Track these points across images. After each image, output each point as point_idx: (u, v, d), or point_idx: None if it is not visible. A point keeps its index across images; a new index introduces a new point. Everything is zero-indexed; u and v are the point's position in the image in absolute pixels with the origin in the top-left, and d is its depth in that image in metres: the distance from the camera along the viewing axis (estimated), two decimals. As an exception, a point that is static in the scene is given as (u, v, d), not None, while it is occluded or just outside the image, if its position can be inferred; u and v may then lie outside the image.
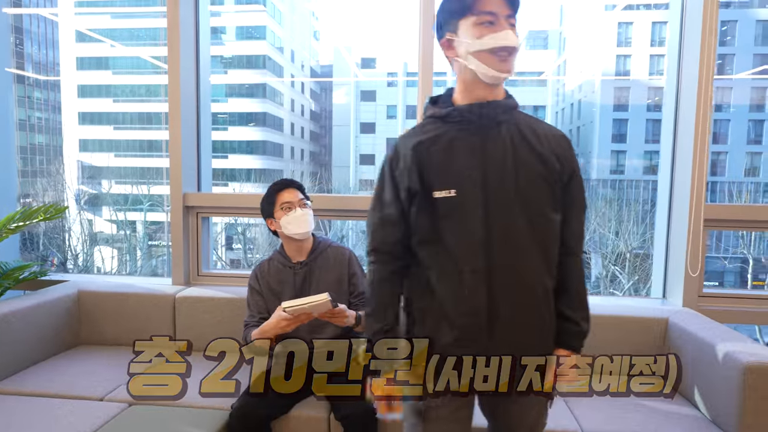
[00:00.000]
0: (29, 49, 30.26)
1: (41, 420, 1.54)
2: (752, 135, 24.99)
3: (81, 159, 27.26)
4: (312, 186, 22.74)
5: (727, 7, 25.59)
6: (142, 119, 29.10)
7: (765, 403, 1.47)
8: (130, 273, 18.92)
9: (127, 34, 29.58)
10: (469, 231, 1.02)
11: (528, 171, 1.02)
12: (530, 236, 1.02)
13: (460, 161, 1.03)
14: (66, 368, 1.93)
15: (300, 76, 34.95)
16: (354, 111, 30.59)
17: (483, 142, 1.03)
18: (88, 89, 29.40)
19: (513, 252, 1.02)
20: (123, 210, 21.65)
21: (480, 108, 1.03)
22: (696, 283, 2.09)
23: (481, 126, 1.04)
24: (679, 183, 2.15)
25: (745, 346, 1.58)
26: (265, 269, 1.80)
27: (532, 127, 1.06)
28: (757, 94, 25.43)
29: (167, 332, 2.16)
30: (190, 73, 2.39)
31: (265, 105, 30.59)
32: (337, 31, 41.62)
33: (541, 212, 1.03)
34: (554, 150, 1.05)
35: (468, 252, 1.03)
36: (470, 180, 1.02)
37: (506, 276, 1.02)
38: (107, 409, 1.62)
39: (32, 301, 2.00)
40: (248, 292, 1.81)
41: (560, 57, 30.80)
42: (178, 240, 2.34)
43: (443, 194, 1.02)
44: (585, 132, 27.67)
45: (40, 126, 29.94)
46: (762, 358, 1.48)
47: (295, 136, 33.84)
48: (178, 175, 2.32)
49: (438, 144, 1.05)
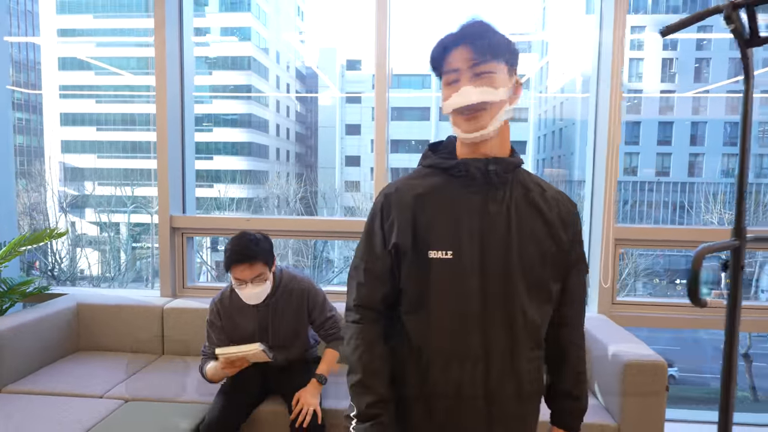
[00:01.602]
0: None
1: (51, 414, 1.85)
2: (727, 137, 25.88)
3: (63, 160, 27.09)
4: (298, 187, 22.99)
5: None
6: (126, 120, 29.00)
7: (641, 393, 1.85)
8: (114, 277, 18.98)
9: (110, 33, 29.46)
10: (463, 301, 0.92)
11: (532, 236, 0.94)
12: (526, 313, 0.93)
13: (459, 220, 0.93)
14: (69, 371, 2.24)
15: (285, 77, 35.10)
16: (339, 113, 30.87)
17: (485, 202, 0.93)
18: (70, 89, 29.20)
19: (509, 333, 0.93)
20: (106, 212, 21.64)
21: (487, 164, 0.93)
22: (609, 293, 2.48)
23: (485, 184, 0.93)
24: (596, 206, 2.54)
25: (629, 346, 1.95)
26: (227, 303, 1.85)
27: (541, 187, 0.98)
28: (733, 101, 26.31)
29: (156, 339, 2.48)
30: (176, 102, 2.70)
31: (251, 106, 30.70)
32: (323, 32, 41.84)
33: (541, 281, 0.94)
34: (562, 216, 0.97)
35: (461, 328, 0.93)
36: (469, 242, 0.92)
37: (503, 361, 0.93)
38: (107, 405, 1.94)
39: (38, 314, 2.31)
40: (207, 324, 1.88)
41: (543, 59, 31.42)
42: (166, 257, 2.65)
43: (439, 255, 0.91)
44: (567, 133, 28.31)
45: (20, 127, 29.64)
46: (639, 357, 1.86)
47: (281, 137, 34.00)
48: (165, 201, 2.63)
49: (438, 198, 0.95)
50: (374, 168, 2.58)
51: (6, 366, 2.09)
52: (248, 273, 1.70)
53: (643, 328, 2.57)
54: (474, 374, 0.92)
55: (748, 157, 1.31)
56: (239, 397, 1.86)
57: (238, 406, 1.83)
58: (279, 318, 1.86)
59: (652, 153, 25.73)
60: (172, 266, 2.67)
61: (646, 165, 25.46)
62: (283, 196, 23.41)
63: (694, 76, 26.38)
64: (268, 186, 25.91)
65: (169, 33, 2.61)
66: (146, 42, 28.16)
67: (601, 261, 2.45)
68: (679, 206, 23.81)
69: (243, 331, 1.87)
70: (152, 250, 21.68)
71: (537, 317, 0.95)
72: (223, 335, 1.87)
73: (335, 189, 26.68)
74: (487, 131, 0.91)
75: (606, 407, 1.99)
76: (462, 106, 0.90)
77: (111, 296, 2.62)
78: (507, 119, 0.95)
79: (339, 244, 16.67)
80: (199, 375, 1.91)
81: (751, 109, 1.30)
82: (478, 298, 0.92)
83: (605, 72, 2.45)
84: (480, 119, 0.91)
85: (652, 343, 2.02)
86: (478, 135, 0.91)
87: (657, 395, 1.84)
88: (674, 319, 2.47)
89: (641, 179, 25.11)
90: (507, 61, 0.93)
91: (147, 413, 1.87)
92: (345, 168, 29.76)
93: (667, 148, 25.78)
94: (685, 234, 2.49)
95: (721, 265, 1.40)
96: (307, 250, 16.40)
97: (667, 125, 26.00)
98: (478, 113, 0.91)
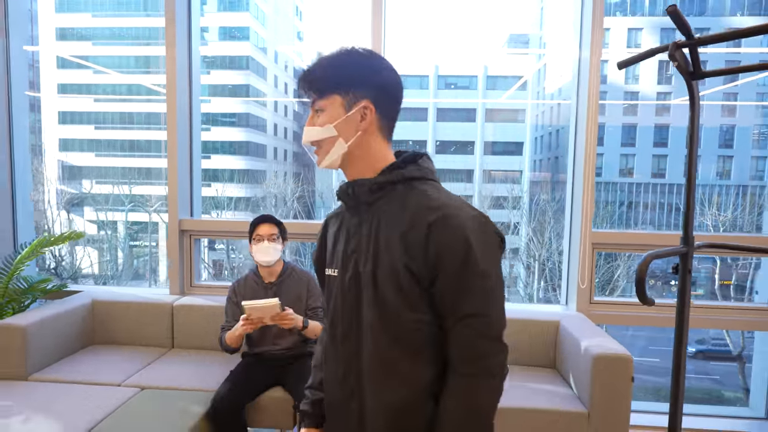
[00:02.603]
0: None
1: (76, 400, 2.03)
2: (723, 139, 26.15)
3: (61, 159, 27.16)
4: (295, 187, 23.15)
5: (702, 14, 26.75)
6: (124, 119, 29.09)
7: (608, 383, 2.04)
8: (112, 275, 19.14)
9: (108, 33, 29.53)
10: (333, 320, 0.98)
11: (385, 257, 0.88)
12: (386, 341, 0.89)
13: (342, 241, 0.97)
14: (87, 362, 2.43)
15: (283, 76, 35.23)
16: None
17: (360, 223, 0.94)
18: (69, 87, 29.26)
19: (368, 359, 0.92)
20: (104, 210, 21.76)
21: (348, 186, 0.95)
22: (587, 292, 2.68)
23: (356, 206, 0.95)
24: (575, 211, 2.74)
25: (599, 341, 2.15)
26: (242, 285, 2.28)
27: (407, 205, 0.89)
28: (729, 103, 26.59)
29: (166, 334, 2.67)
30: (185, 102, 2.87)
31: (249, 105, 30.83)
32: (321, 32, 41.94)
33: (395, 311, 0.88)
34: (426, 234, 0.85)
35: (333, 343, 0.99)
36: (346, 262, 0.95)
37: (370, 391, 0.93)
38: (125, 392, 2.12)
39: (58, 309, 2.49)
40: (227, 302, 2.29)
41: (540, 60, 31.64)
42: (175, 257, 2.83)
43: (330, 272, 0.99)
44: (564, 134, 28.56)
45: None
46: (606, 350, 2.06)
47: (278, 137, 34.14)
48: (174, 203, 2.82)
49: (336, 221, 1.03)
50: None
51: (31, 357, 2.27)
52: (266, 230, 2.18)
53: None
54: (346, 389, 0.97)
55: (694, 175, 1.52)
56: (246, 381, 2.10)
57: (245, 387, 2.07)
58: (284, 295, 2.18)
59: (648, 155, 26.00)
60: (181, 266, 2.86)
61: (641, 166, 25.73)
62: (280, 196, 23.57)
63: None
64: (265, 185, 26.07)
65: (179, 32, 2.79)
66: (145, 41, 28.28)
67: (579, 263, 2.65)
68: (675, 208, 24.07)
69: None
70: (149, 248, 21.84)
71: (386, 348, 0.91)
72: (238, 310, 2.15)
73: (333, 189, 26.86)
74: (323, 165, 0.96)
75: (578, 396, 2.19)
76: (302, 143, 0.99)
77: (123, 293, 2.80)
78: (367, 143, 0.94)
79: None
80: (209, 363, 2.11)
81: (697, 134, 1.51)
82: (341, 318, 0.96)
83: (584, 77, 2.66)
84: (318, 154, 0.97)
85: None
86: (321, 167, 0.97)
87: (623, 385, 2.04)
88: (646, 317, 2.67)
89: (636, 181, 25.37)
90: (346, 92, 0.91)
91: (162, 399, 2.06)
92: (342, 168, 29.86)
93: (663, 150, 26.05)
94: (656, 239, 2.69)
95: (672, 269, 1.61)
96: (305, 250, 16.62)
97: (663, 128, 26.27)
98: (316, 150, 0.97)
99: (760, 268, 12.38)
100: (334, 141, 0.93)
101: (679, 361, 1.58)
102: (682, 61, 1.42)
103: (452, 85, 27.71)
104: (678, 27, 1.37)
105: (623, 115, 27.16)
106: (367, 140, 0.94)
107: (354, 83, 0.92)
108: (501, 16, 40.65)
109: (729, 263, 17.36)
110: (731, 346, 13.35)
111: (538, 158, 29.75)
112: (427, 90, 27.51)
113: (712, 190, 23.08)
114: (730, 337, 13.41)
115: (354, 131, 0.93)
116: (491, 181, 24.02)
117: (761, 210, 17.49)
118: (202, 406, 2.00)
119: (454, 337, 0.86)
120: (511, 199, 21.14)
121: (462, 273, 0.84)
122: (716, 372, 13.43)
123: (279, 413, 2.12)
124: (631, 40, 28.11)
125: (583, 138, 2.65)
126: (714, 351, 14.13)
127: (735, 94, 26.55)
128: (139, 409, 1.97)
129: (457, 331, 0.85)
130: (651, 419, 2.54)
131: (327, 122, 0.93)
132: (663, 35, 26.82)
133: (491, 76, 27.31)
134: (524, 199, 21.74)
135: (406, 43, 36.33)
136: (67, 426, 1.82)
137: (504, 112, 26.71)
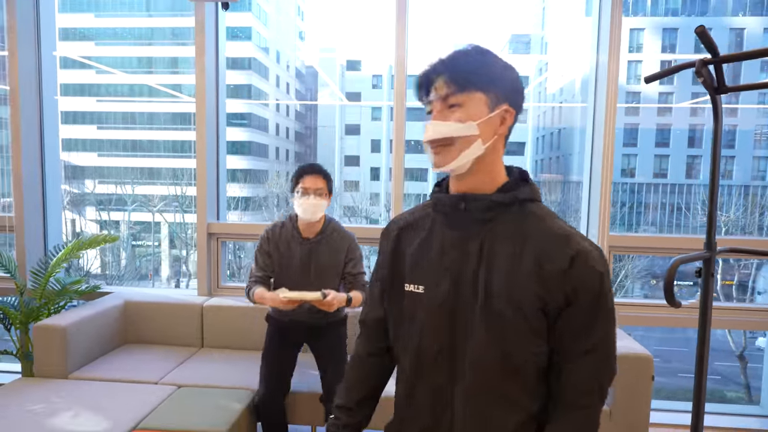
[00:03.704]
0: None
1: (117, 398, 2.12)
2: (725, 140, 26.20)
3: (63, 158, 27.24)
4: (297, 187, 23.21)
5: (704, 14, 26.84)
6: (126, 119, 29.18)
7: (629, 382, 2.13)
8: (114, 274, 19.24)
9: (111, 33, 29.62)
10: (420, 343, 0.90)
11: (507, 283, 0.83)
12: (495, 369, 0.84)
13: (433, 254, 0.90)
14: (122, 361, 2.51)
15: (285, 76, 35.31)
16: (339, 112, 31.13)
17: (464, 238, 0.88)
18: (71, 88, 29.36)
19: (470, 386, 0.86)
20: (107, 210, 21.84)
21: (457, 201, 0.88)
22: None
23: (461, 220, 0.88)
24: (592, 214, 2.82)
25: (621, 343, 2.23)
26: (277, 234, 2.06)
27: (528, 230, 0.85)
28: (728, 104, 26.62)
29: (196, 333, 2.75)
30: (213, 102, 2.94)
31: (251, 105, 30.92)
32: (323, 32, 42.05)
33: (512, 339, 0.83)
34: (547, 260, 0.82)
35: (417, 367, 0.91)
36: (439, 278, 0.88)
37: (471, 422, 0.87)
38: (163, 390, 2.21)
39: (93, 310, 2.57)
40: (258, 250, 2.07)
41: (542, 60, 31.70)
42: (203, 259, 2.92)
43: (411, 288, 0.92)
44: (566, 134, 28.62)
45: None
46: (628, 350, 2.14)
47: (280, 137, 34.23)
48: (203, 206, 2.90)
49: (417, 233, 0.95)
50: (392, 169, 2.86)
51: (71, 356, 2.36)
52: (314, 183, 1.97)
53: (639, 327, 2.85)
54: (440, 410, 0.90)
55: (717, 185, 1.60)
56: (280, 377, 2.14)
57: (281, 380, 2.13)
58: (320, 255, 2.05)
59: (650, 155, 26.08)
60: (209, 268, 2.94)
61: (643, 167, 25.82)
62: (282, 195, 23.65)
63: (692, 79, 26.74)
64: (267, 185, 26.15)
65: (209, 34, 2.86)
66: (146, 42, 28.35)
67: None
68: (677, 208, 24.16)
69: (287, 261, 2.05)
70: (152, 248, 21.93)
71: (516, 369, 0.85)
72: (269, 260, 2.04)
73: (334, 189, 26.95)
74: (451, 167, 0.86)
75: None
76: (425, 141, 0.87)
77: (154, 294, 2.89)
78: (497, 151, 0.88)
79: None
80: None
81: (719, 146, 1.59)
82: (446, 336, 0.88)
83: (602, 80, 2.74)
84: (442, 154, 0.86)
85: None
86: (443, 170, 0.87)
87: (644, 384, 2.13)
88: (654, 318, 2.76)
89: (638, 181, 25.45)
90: (489, 91, 0.85)
91: (200, 397, 2.14)
92: (344, 168, 30.02)
93: (665, 150, 26.13)
94: (670, 242, 2.77)
95: (695, 272, 1.70)
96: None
97: (665, 129, 26.35)
98: (443, 148, 0.85)
99: (761, 269, 12.48)
100: (472, 141, 0.84)
101: (702, 361, 1.67)
102: (707, 77, 1.51)
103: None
104: (705, 46, 1.45)
105: (625, 115, 27.23)
106: (497, 147, 0.88)
107: (498, 84, 0.86)
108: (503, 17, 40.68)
109: (731, 263, 17.49)
110: (733, 346, 13.45)
111: (539, 158, 29.82)
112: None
113: (747, 189, 23.15)
114: (732, 338, 13.51)
115: (492, 134, 0.86)
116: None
117: (763, 210, 17.60)
118: (241, 403, 2.08)
119: (575, 369, 0.84)
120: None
121: (593, 309, 0.82)
122: (717, 372, 13.53)
123: (312, 412, 2.21)
124: (633, 40, 28.22)
125: (600, 141, 2.73)
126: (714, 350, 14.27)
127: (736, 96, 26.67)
128: (180, 406, 2.05)
129: (579, 364, 0.83)
130: (670, 417, 2.63)
131: (468, 119, 0.84)
132: (665, 35, 26.91)
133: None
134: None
135: (405, 43, 36.32)
136: (116, 421, 1.91)
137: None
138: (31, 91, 2.99)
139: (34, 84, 3.00)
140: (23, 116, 2.93)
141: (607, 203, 2.72)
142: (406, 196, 11.56)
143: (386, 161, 27.00)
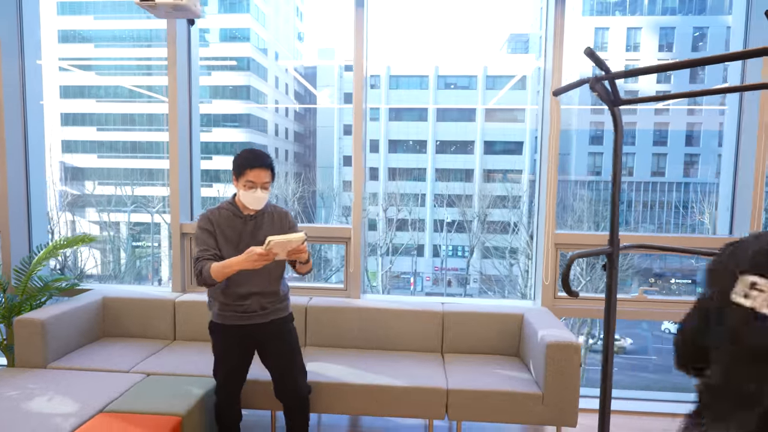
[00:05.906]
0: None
1: (90, 384, 2.30)
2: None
3: (63, 160, 27.50)
4: (296, 187, 23.43)
5: (701, 13, 26.94)
6: (126, 120, 29.41)
7: (560, 368, 2.31)
8: (114, 275, 19.45)
9: (110, 35, 29.85)
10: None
11: None
12: None
13: None
14: (98, 352, 2.70)
15: (284, 77, 35.50)
16: (338, 113, 31.30)
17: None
18: (71, 90, 29.60)
19: None
20: (107, 211, 22.05)
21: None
22: (551, 288, 2.94)
23: None
24: (540, 213, 2.99)
25: (554, 331, 2.41)
26: (216, 216, 2.05)
27: None
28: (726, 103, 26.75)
29: (169, 327, 2.94)
30: (185, 104, 3.13)
31: (250, 106, 31.13)
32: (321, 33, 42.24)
33: None
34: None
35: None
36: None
37: None
38: (133, 378, 2.40)
39: (72, 305, 2.76)
40: (200, 232, 2.02)
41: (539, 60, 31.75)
42: (177, 258, 3.11)
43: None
44: (563, 134, 28.73)
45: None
46: (558, 338, 2.32)
47: (279, 137, 34.42)
48: (176, 207, 3.09)
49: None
50: (353, 166, 3.07)
51: (49, 347, 2.55)
52: (260, 177, 1.98)
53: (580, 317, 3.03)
54: None
55: (619, 186, 1.78)
56: (234, 366, 2.18)
57: (236, 372, 2.18)
58: (265, 228, 2.08)
59: (648, 153, 26.22)
60: (182, 266, 3.13)
61: (641, 166, 25.96)
62: (281, 196, 23.83)
63: (689, 77, 26.85)
64: (267, 185, 26.23)
65: (180, 43, 3.05)
66: (146, 44, 28.55)
67: (544, 261, 2.91)
68: (674, 206, 24.35)
69: (236, 239, 2.05)
70: (152, 249, 22.15)
71: None
72: (213, 241, 2.03)
73: (333, 189, 27.14)
74: None
75: (535, 380, 2.45)
76: None
77: (130, 291, 3.08)
78: None
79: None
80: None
81: (620, 155, 1.77)
82: None
83: (548, 83, 2.93)
84: None
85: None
86: None
87: (572, 370, 2.30)
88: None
89: (636, 179, 25.59)
90: None
91: (166, 384, 2.33)
92: (343, 168, 30.19)
93: (663, 149, 26.27)
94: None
95: (602, 267, 1.88)
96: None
97: (663, 127, 26.50)
98: None
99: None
100: None
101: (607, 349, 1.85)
102: (602, 92, 1.68)
103: (452, 85, 27.92)
104: (596, 64, 1.63)
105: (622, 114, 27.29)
106: None
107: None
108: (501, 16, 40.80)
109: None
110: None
111: (537, 157, 29.95)
112: (426, 90, 27.75)
113: (712, 188, 23.32)
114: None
115: None
116: (491, 180, 24.23)
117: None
118: (202, 389, 2.27)
119: None
120: (510, 199, 21.41)
121: None
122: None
123: (271, 398, 2.39)
124: (630, 39, 28.31)
125: (546, 143, 2.91)
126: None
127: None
128: (146, 391, 2.24)
129: None
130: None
131: None
132: (662, 34, 27.02)
133: (491, 76, 27.51)
134: (523, 198, 21.99)
135: (406, 43, 36.48)
136: (84, 405, 2.10)
137: (503, 112, 26.92)
138: (14, 98, 3.16)
139: (17, 91, 3.18)
140: (6, 121, 3.09)
141: (552, 201, 2.90)
142: (405, 196, 11.47)
143: (384, 161, 27.15)
